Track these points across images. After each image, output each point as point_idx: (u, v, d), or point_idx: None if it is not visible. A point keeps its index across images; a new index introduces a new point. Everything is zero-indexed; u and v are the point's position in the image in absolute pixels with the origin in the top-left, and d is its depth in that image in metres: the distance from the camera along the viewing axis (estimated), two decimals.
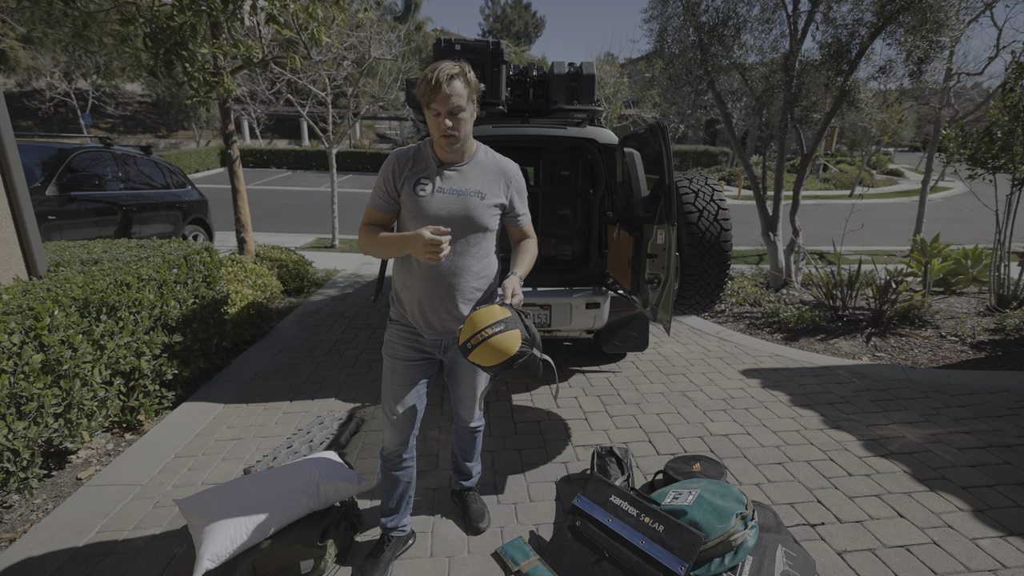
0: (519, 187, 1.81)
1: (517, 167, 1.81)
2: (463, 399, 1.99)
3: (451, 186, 1.69)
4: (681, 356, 4.09)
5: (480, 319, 1.51)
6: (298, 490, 1.92)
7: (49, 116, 25.60)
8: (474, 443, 2.15)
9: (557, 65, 3.36)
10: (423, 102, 1.57)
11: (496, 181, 1.74)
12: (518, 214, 1.83)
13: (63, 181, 4.87)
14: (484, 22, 45.99)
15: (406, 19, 25.97)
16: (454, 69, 1.53)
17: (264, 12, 4.50)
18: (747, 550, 1.80)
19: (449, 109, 1.54)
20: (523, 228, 1.86)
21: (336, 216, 8.86)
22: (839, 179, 22.99)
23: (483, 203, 1.70)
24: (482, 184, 1.71)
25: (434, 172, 1.69)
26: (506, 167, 1.78)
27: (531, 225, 1.88)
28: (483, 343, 1.48)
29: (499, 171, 1.76)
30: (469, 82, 1.56)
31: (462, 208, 1.68)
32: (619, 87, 13.04)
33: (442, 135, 1.59)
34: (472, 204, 1.69)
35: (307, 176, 22.44)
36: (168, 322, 2.99)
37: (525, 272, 1.76)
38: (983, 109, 8.84)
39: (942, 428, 2.95)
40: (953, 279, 5.83)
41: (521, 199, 1.82)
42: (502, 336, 1.48)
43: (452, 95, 1.52)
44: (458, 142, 1.61)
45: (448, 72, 1.52)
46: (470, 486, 2.23)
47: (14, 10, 13.89)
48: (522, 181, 1.82)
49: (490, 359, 1.49)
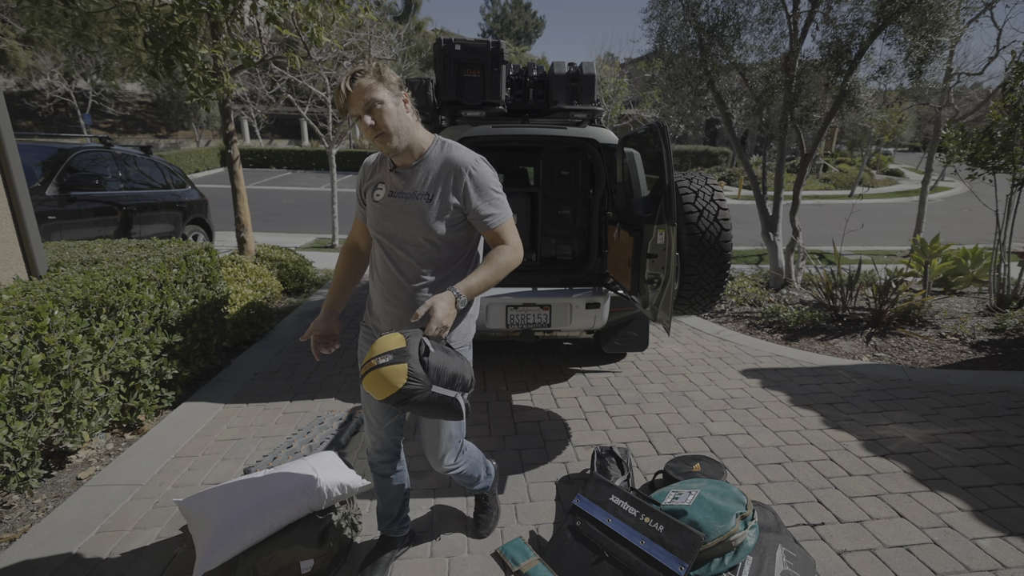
0: (478, 182, 1.55)
1: (476, 159, 1.57)
2: (426, 441, 1.76)
3: (400, 189, 1.58)
4: (681, 356, 4.09)
5: (376, 346, 1.35)
6: (298, 490, 1.92)
7: (49, 116, 25.61)
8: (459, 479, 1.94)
9: (557, 65, 3.36)
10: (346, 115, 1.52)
11: (446, 179, 1.55)
12: (481, 215, 1.56)
13: (63, 181, 4.87)
14: (484, 22, 46.01)
15: (406, 19, 25.98)
16: (356, 68, 1.47)
17: (264, 12, 4.50)
18: (747, 550, 1.80)
19: (361, 107, 1.44)
20: (493, 231, 1.57)
21: (336, 216, 8.85)
22: (839, 179, 23.00)
23: (430, 206, 1.54)
24: (430, 184, 1.55)
25: (388, 176, 1.61)
26: (460, 160, 1.55)
27: (507, 229, 1.59)
28: (367, 373, 1.33)
29: (450, 167, 1.55)
30: (379, 75, 1.45)
31: (407, 213, 1.56)
32: (619, 87, 13.05)
33: (373, 137, 1.48)
34: (418, 208, 1.55)
35: (307, 176, 22.45)
36: (168, 322, 2.99)
37: (474, 287, 1.48)
38: (983, 109, 8.84)
39: (942, 428, 2.95)
40: (953, 279, 5.83)
41: (482, 196, 1.55)
42: (385, 369, 1.30)
43: (356, 92, 1.44)
44: (390, 139, 1.49)
45: (348, 74, 1.46)
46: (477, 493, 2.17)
47: (14, 10, 13.88)
48: (484, 175, 1.57)
49: (377, 391, 1.32)
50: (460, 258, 1.64)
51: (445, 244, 1.59)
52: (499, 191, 1.60)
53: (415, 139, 1.56)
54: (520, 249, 1.60)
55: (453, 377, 1.41)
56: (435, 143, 1.60)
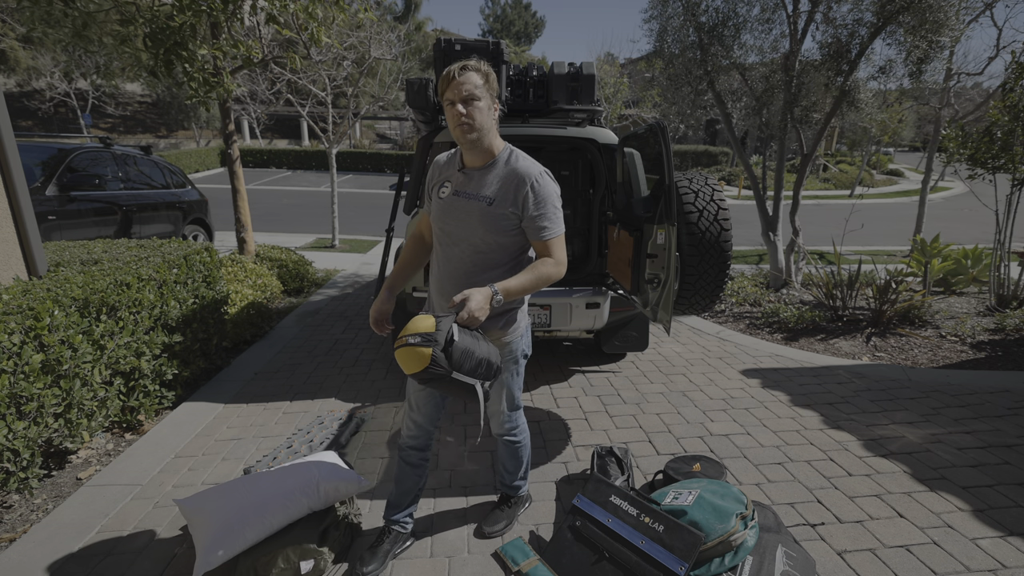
0: (537, 196, 1.62)
1: (540, 172, 1.65)
2: (489, 406, 1.93)
3: (465, 189, 1.67)
4: (681, 356, 4.09)
5: (410, 325, 1.48)
6: (298, 490, 1.92)
7: (49, 116, 25.61)
8: (508, 452, 2.06)
9: (557, 65, 3.36)
10: (443, 100, 1.60)
11: (510, 186, 1.63)
12: (535, 226, 1.64)
13: (63, 181, 4.87)
14: (484, 22, 46.00)
15: (406, 19, 25.98)
16: (470, 62, 1.57)
17: (264, 12, 4.50)
18: (747, 550, 1.80)
19: (461, 97, 1.55)
20: (543, 243, 1.65)
21: (336, 216, 8.85)
22: (839, 179, 22.99)
23: (490, 210, 1.63)
24: (494, 190, 1.64)
25: (456, 175, 1.71)
26: (525, 171, 1.63)
27: (556, 244, 1.66)
28: (399, 349, 1.46)
29: (515, 177, 1.63)
30: (486, 76, 1.58)
31: (468, 213, 1.65)
32: (619, 87, 13.04)
33: (456, 124, 1.57)
34: (478, 210, 1.64)
35: (307, 176, 22.44)
36: (168, 322, 2.99)
37: (512, 289, 1.57)
38: (983, 109, 8.83)
39: (942, 428, 2.95)
40: (953, 279, 5.83)
41: (540, 208, 1.63)
42: (413, 349, 1.43)
43: (464, 83, 1.54)
44: (473, 132, 1.58)
45: (463, 64, 1.56)
46: (508, 493, 2.19)
47: (14, 10, 13.88)
48: (547, 188, 1.64)
49: (403, 365, 1.46)
50: (509, 262, 1.72)
51: (497, 247, 1.68)
52: (557, 206, 1.67)
53: (490, 142, 1.66)
54: (563, 265, 1.67)
55: (477, 365, 1.51)
56: (505, 150, 1.70)
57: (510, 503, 2.18)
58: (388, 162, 25.74)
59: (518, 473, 2.13)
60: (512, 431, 2.01)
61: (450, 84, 1.55)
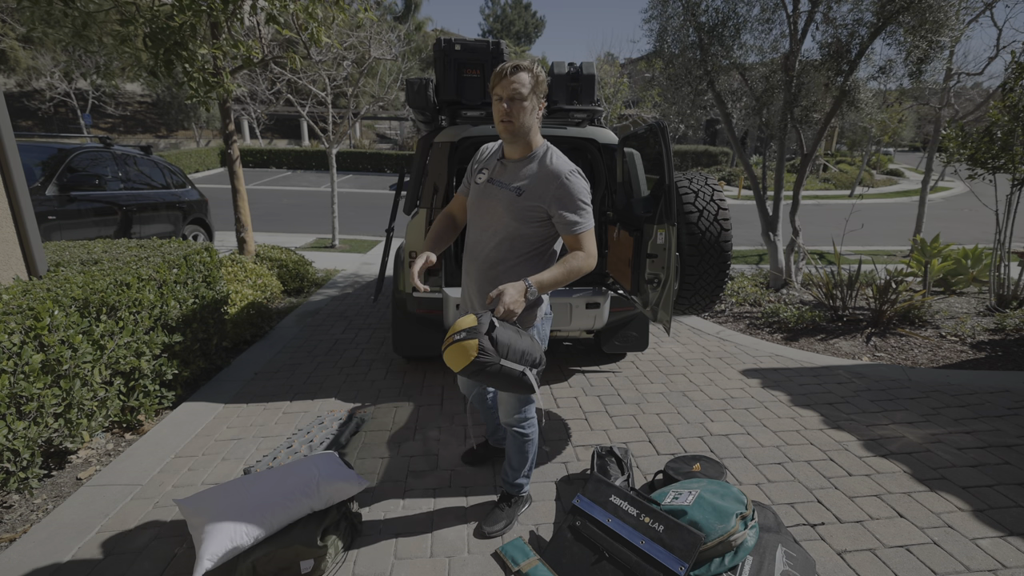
0: (568, 190, 1.70)
1: (571, 170, 1.72)
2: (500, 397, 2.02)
3: (500, 178, 1.79)
4: (681, 356, 4.09)
5: (454, 326, 1.59)
6: (298, 490, 1.92)
7: (49, 116, 25.60)
8: (514, 445, 2.08)
9: (557, 65, 3.36)
10: (492, 93, 1.70)
11: (541, 183, 1.73)
12: (565, 221, 1.72)
13: (63, 181, 4.87)
14: (484, 22, 45.99)
15: (406, 19, 25.98)
16: (524, 63, 1.66)
17: (264, 12, 4.50)
18: (747, 550, 1.80)
19: (509, 95, 1.64)
20: (574, 236, 1.73)
21: (336, 216, 8.85)
22: (839, 179, 22.99)
23: (519, 200, 1.73)
24: (526, 182, 1.74)
25: (494, 163, 1.83)
26: (557, 170, 1.72)
27: (586, 238, 1.73)
28: (447, 348, 1.56)
29: (549, 174, 1.72)
30: (536, 77, 1.65)
31: (498, 200, 1.77)
32: (619, 87, 13.04)
33: (500, 120, 1.68)
34: (507, 199, 1.75)
35: (307, 176, 22.44)
36: (168, 322, 2.99)
37: (545, 282, 1.67)
38: (983, 109, 8.84)
39: (942, 428, 2.96)
40: (953, 279, 5.83)
41: (569, 204, 1.71)
42: (460, 344, 1.53)
43: (513, 82, 1.63)
44: (513, 129, 1.68)
45: (516, 63, 1.66)
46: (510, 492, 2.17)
47: (14, 10, 13.88)
48: (576, 185, 1.71)
49: (453, 363, 1.56)
50: (533, 253, 1.82)
51: (521, 238, 1.78)
52: (587, 202, 1.74)
53: (530, 139, 1.76)
54: (594, 258, 1.74)
55: (522, 353, 1.60)
56: (542, 147, 1.78)
57: (511, 502, 2.18)
58: (388, 162, 25.74)
59: (522, 470, 2.13)
60: (521, 423, 2.02)
61: (500, 81, 1.64)
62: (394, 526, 2.14)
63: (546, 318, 1.96)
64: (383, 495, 2.33)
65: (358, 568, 1.92)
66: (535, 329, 1.89)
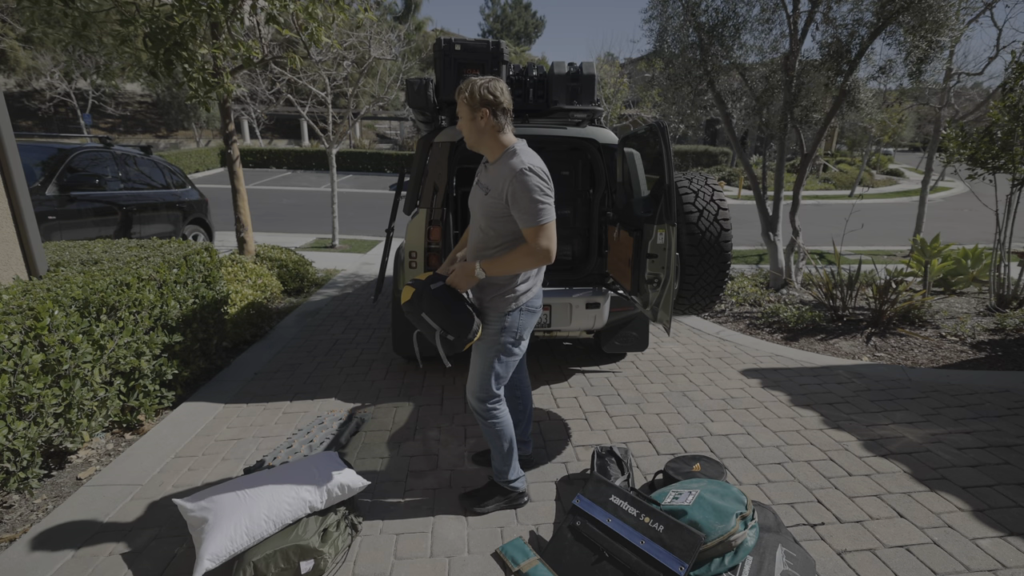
0: (517, 189, 1.80)
1: (525, 168, 1.80)
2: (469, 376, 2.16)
3: (482, 179, 2.01)
4: (681, 356, 4.09)
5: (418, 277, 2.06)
6: (298, 490, 1.92)
7: (49, 116, 25.59)
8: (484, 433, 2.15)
9: (557, 65, 3.36)
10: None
11: (501, 180, 1.87)
12: (517, 216, 1.86)
13: (63, 181, 4.87)
14: (484, 22, 45.98)
15: (406, 19, 25.97)
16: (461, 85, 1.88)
17: (264, 12, 4.50)
18: (747, 550, 1.80)
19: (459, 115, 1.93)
20: (524, 229, 1.86)
21: (336, 216, 8.84)
22: (839, 179, 22.99)
23: (486, 198, 1.93)
24: (492, 181, 1.91)
25: (482, 167, 2.05)
26: (512, 168, 1.83)
27: (532, 232, 1.82)
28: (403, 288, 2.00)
29: (506, 171, 1.85)
30: (471, 95, 1.84)
31: (477, 199, 2.01)
32: (619, 87, 13.05)
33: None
34: (480, 197, 1.98)
35: (307, 176, 22.44)
36: (168, 322, 2.99)
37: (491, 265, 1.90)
38: (983, 109, 8.84)
39: (942, 428, 2.95)
40: (953, 279, 5.83)
41: (519, 200, 1.80)
42: (407, 287, 1.98)
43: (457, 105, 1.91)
44: (467, 142, 1.96)
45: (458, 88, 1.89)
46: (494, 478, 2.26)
47: (14, 10, 13.89)
48: (527, 183, 1.79)
49: (401, 299, 1.99)
50: (502, 244, 1.97)
51: (493, 231, 1.96)
52: (537, 198, 1.81)
53: (484, 144, 1.93)
54: (538, 253, 1.85)
55: (445, 318, 1.90)
56: (511, 148, 1.91)
57: (494, 487, 2.24)
58: (388, 162, 25.74)
59: (501, 460, 2.18)
60: (482, 412, 2.11)
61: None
62: (394, 526, 2.14)
63: (525, 312, 2.04)
64: (383, 495, 2.33)
65: (358, 568, 1.92)
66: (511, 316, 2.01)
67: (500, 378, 2.08)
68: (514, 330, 2.03)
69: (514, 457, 2.20)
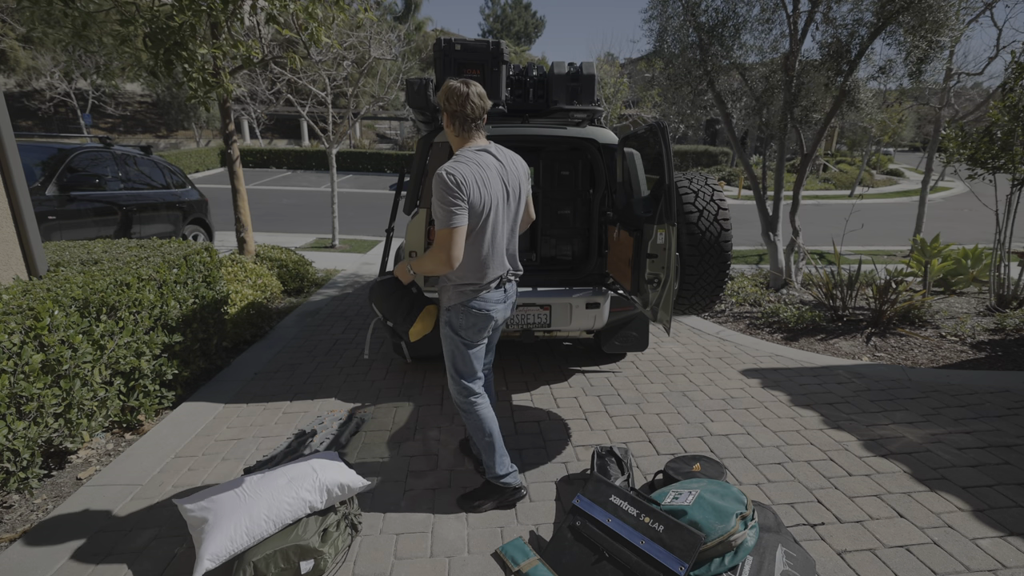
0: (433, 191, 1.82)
1: (438, 172, 1.82)
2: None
3: None
4: (681, 356, 4.08)
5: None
6: (298, 490, 1.92)
7: (49, 116, 25.58)
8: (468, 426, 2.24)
9: (557, 65, 3.36)
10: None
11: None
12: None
13: (63, 181, 4.87)
14: (484, 22, 45.99)
15: (406, 19, 25.97)
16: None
17: (264, 12, 4.50)
18: (747, 550, 1.80)
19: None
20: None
21: (336, 216, 8.84)
22: (839, 179, 22.99)
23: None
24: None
25: None
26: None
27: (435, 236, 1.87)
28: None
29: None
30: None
31: None
32: (619, 87, 13.05)
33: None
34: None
35: (307, 176, 22.44)
36: (168, 322, 2.99)
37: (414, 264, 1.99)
38: (983, 109, 8.83)
39: (942, 428, 2.95)
40: (953, 279, 5.83)
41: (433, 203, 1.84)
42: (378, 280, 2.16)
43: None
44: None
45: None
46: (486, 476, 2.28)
47: (14, 10, 13.88)
48: (435, 185, 1.82)
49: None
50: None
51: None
52: (441, 201, 1.81)
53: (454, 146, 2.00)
54: (437, 257, 1.85)
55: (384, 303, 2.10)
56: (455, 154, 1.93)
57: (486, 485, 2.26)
58: (388, 162, 25.73)
59: (487, 454, 2.20)
60: (460, 404, 2.20)
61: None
62: (394, 526, 2.14)
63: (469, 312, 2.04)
64: (383, 495, 2.33)
65: (358, 568, 1.92)
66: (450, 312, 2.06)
67: (460, 372, 2.14)
68: (455, 326, 2.07)
69: (497, 452, 2.20)
